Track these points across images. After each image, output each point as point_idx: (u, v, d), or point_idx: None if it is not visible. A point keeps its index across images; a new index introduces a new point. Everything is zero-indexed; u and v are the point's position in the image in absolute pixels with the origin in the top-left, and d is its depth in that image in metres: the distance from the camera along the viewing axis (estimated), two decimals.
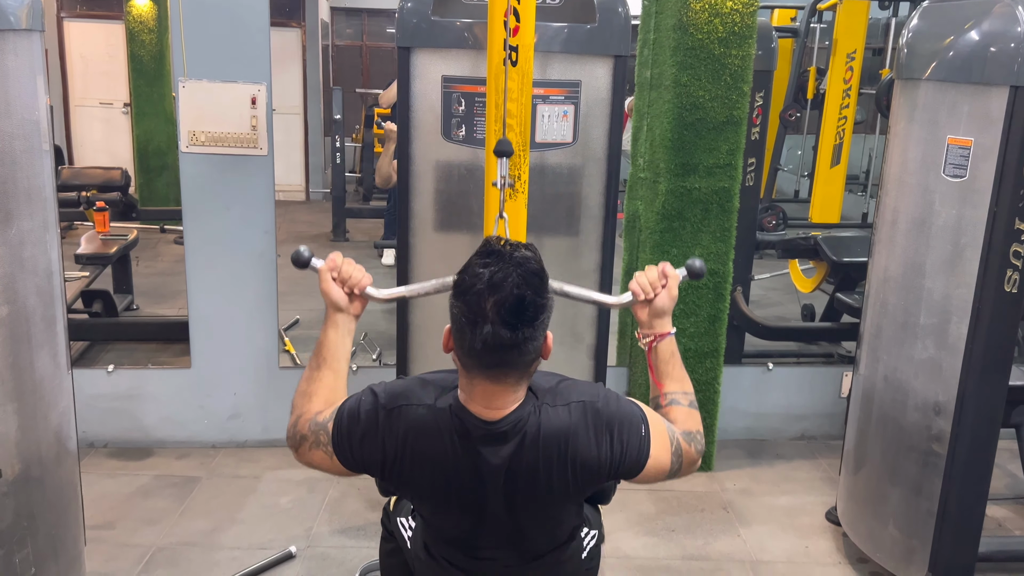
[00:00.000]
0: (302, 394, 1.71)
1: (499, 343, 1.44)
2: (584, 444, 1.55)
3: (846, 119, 6.26)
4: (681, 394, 1.75)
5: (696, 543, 3.07)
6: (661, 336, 1.77)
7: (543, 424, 1.54)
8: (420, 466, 1.57)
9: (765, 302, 5.53)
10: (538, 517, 1.64)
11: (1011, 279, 2.40)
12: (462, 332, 1.47)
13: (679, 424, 1.71)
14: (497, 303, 1.43)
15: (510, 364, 1.48)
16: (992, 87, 2.33)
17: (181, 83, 3.26)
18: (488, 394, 1.51)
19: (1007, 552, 2.94)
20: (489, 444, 1.53)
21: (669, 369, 1.76)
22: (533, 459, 1.54)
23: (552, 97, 2.77)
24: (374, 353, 4.33)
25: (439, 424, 1.55)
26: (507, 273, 1.44)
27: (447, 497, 1.60)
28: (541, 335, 1.50)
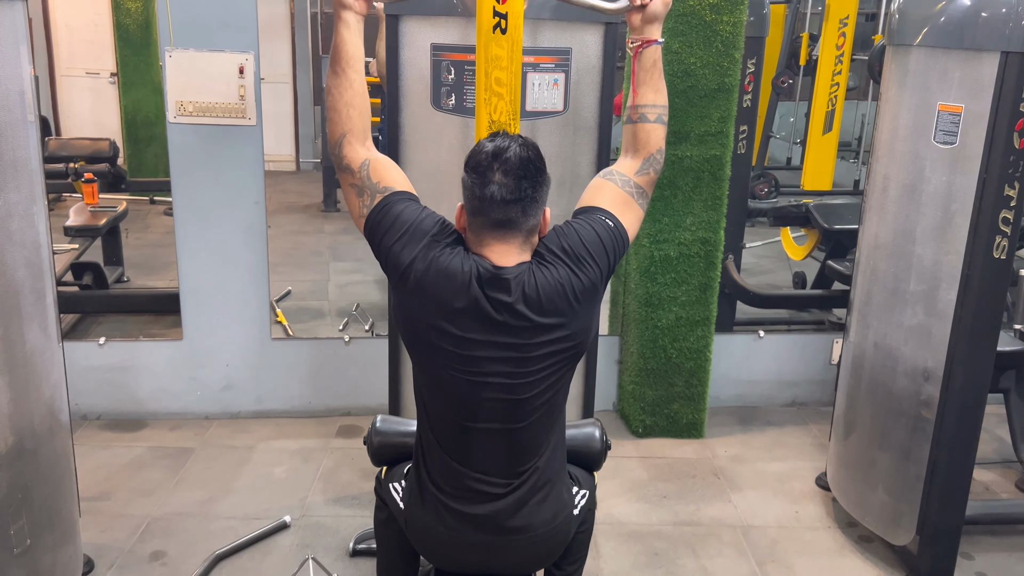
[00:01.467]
0: (339, 107, 1.80)
1: (504, 197, 1.64)
2: (574, 285, 1.70)
3: (838, 85, 6.23)
4: (651, 107, 1.90)
5: (688, 509, 3.11)
6: (648, 42, 1.90)
7: (539, 282, 1.68)
8: (436, 281, 1.67)
9: (757, 270, 5.54)
10: (532, 367, 1.70)
11: (1000, 245, 2.41)
12: (472, 194, 1.67)
13: (641, 142, 1.88)
14: (502, 163, 1.65)
15: (514, 222, 1.67)
16: (983, 53, 2.32)
17: (168, 52, 3.22)
18: (496, 251, 1.69)
19: (993, 515, 2.98)
20: (496, 288, 1.66)
21: (648, 77, 1.90)
22: (531, 310, 1.67)
23: (542, 65, 2.74)
24: (367, 324, 4.33)
25: (460, 260, 1.68)
26: (509, 143, 1.69)
27: (452, 330, 1.67)
28: (541, 201, 1.70)
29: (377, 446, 2.11)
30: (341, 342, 3.68)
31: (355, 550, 2.77)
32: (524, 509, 1.78)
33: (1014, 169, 2.35)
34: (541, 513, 1.80)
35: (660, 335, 3.51)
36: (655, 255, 3.43)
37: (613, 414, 3.82)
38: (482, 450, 1.74)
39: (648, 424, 3.61)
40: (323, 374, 3.67)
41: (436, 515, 1.79)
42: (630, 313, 3.63)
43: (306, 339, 3.89)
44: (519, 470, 1.76)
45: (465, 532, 1.78)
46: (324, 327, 4.47)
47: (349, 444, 3.46)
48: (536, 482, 1.78)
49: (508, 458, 1.75)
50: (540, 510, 1.80)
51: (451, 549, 1.83)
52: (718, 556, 2.84)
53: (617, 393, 3.82)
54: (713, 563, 2.80)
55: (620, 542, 2.89)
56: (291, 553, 2.78)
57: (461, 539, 1.79)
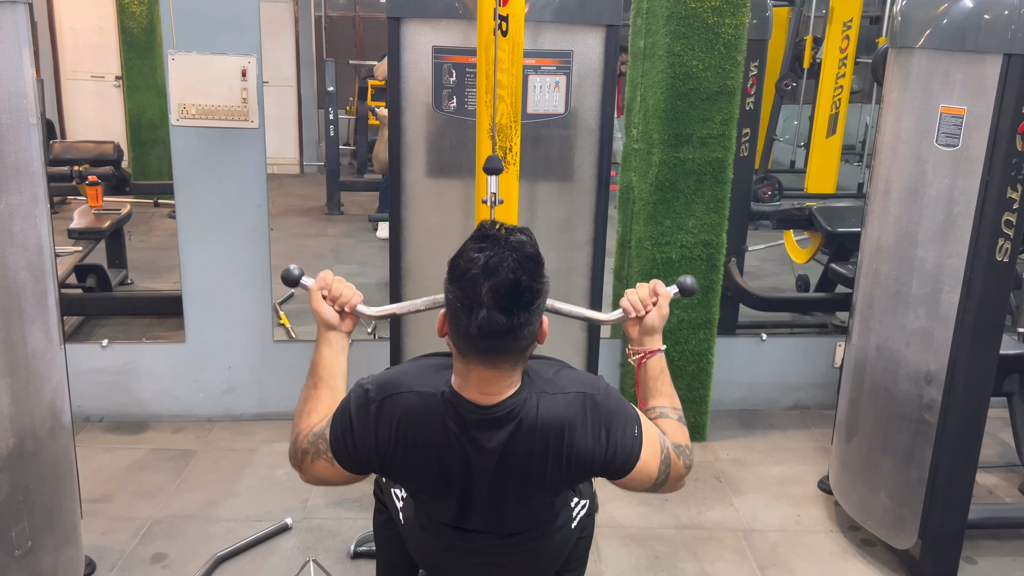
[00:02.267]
0: (300, 414, 1.70)
1: (494, 328, 1.43)
2: (581, 436, 1.55)
3: (842, 88, 6.22)
4: (671, 408, 1.76)
5: (689, 512, 3.10)
6: (651, 353, 1.78)
7: (541, 412, 1.54)
8: (414, 452, 1.56)
9: (760, 273, 5.53)
10: (525, 503, 1.64)
11: (1002, 248, 2.40)
12: (457, 317, 1.47)
13: (669, 436, 1.69)
14: (492, 288, 1.42)
15: (505, 349, 1.48)
16: (986, 55, 2.31)
17: (170, 55, 3.23)
18: (483, 380, 1.51)
19: (996, 519, 2.97)
20: (483, 429, 1.53)
21: (658, 385, 1.78)
22: (528, 446, 1.54)
23: (543, 67, 2.74)
24: (369, 327, 4.33)
25: (432, 410, 1.55)
26: (502, 258, 1.43)
27: (440, 482, 1.60)
28: (537, 320, 1.50)
29: None
30: None
31: (356, 552, 2.77)
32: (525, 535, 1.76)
33: (1017, 171, 2.35)
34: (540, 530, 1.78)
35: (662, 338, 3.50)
36: (657, 258, 3.42)
37: None
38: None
39: None
40: None
41: (436, 538, 1.76)
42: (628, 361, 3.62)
43: (309, 342, 3.88)
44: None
45: (466, 553, 1.75)
46: None
47: None
48: None
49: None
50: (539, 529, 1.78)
51: (451, 566, 1.80)
52: (719, 560, 2.83)
53: None
54: (714, 567, 2.79)
55: (621, 545, 2.89)
56: (292, 555, 2.78)
57: (462, 559, 1.76)
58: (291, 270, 1.81)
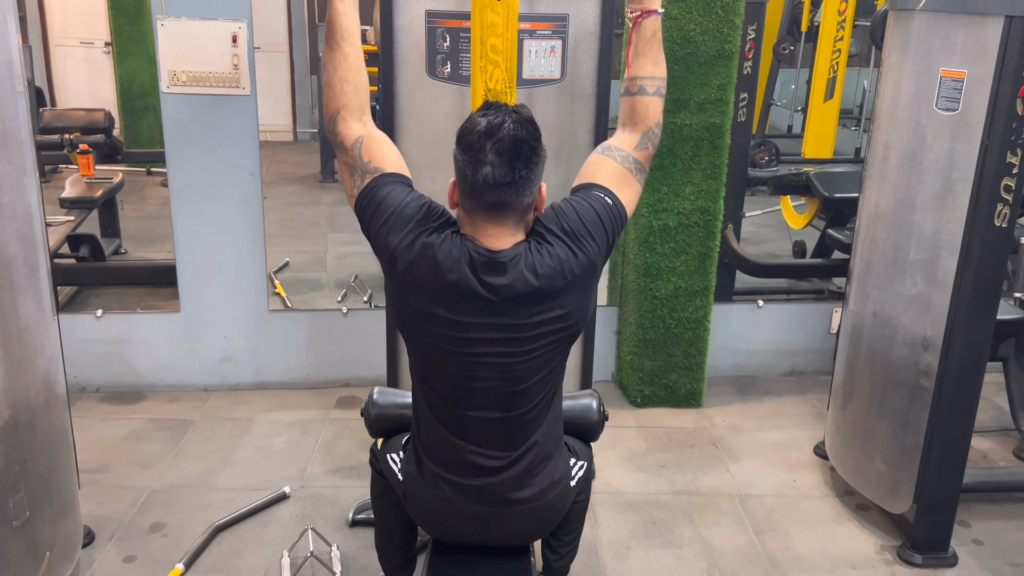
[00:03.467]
0: (334, 82, 1.78)
1: (498, 180, 1.59)
2: (573, 264, 1.67)
3: (840, 52, 6.16)
4: (649, 79, 1.86)
5: (686, 478, 3.11)
6: (648, 12, 1.88)
7: (536, 263, 1.65)
8: (430, 265, 1.64)
9: (756, 239, 5.52)
10: (528, 346, 1.69)
11: (1001, 213, 2.38)
12: (464, 176, 1.62)
13: (638, 118, 1.85)
14: (495, 143, 1.58)
15: (508, 204, 1.62)
16: (987, 17, 2.28)
17: (159, 21, 3.18)
18: (490, 235, 1.65)
19: (991, 483, 2.99)
20: (491, 272, 1.63)
21: (648, 48, 1.87)
22: (529, 290, 1.64)
23: (539, 32, 2.70)
24: (365, 295, 4.32)
25: (449, 246, 1.65)
26: (503, 119, 1.60)
27: (444, 314, 1.65)
28: (536, 180, 1.64)
29: (374, 418, 2.11)
30: (339, 314, 3.67)
31: (354, 520, 2.78)
32: (522, 481, 1.78)
33: (1017, 136, 2.32)
34: (539, 485, 1.80)
35: (659, 305, 3.50)
36: (654, 225, 3.41)
37: (612, 384, 3.82)
38: (479, 426, 1.74)
39: (646, 394, 3.61)
40: (321, 346, 3.67)
41: (434, 487, 1.79)
42: (628, 283, 3.62)
43: (304, 311, 3.88)
44: (517, 445, 1.75)
45: (463, 504, 1.78)
46: (322, 299, 4.46)
47: (348, 415, 3.47)
48: (534, 456, 1.77)
49: (505, 434, 1.75)
50: (538, 482, 1.80)
51: (449, 520, 1.83)
52: (716, 525, 2.85)
53: (616, 363, 3.82)
54: (711, 532, 2.81)
55: (618, 511, 2.90)
56: (290, 524, 2.79)
57: (459, 510, 1.79)
58: None
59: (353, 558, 2.63)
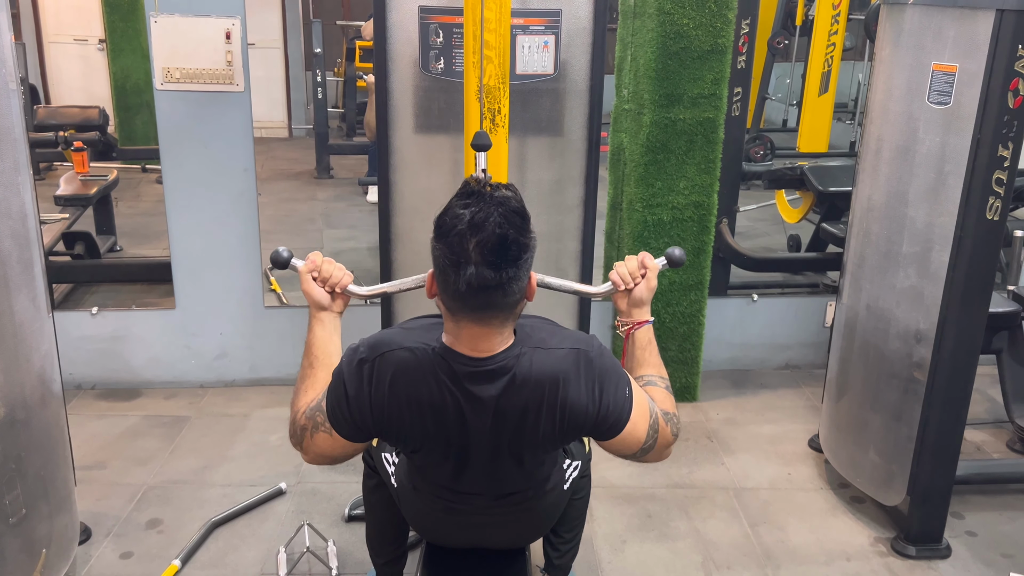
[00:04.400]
0: (297, 394, 1.70)
1: (483, 284, 1.43)
2: (575, 390, 1.55)
3: (835, 46, 6.17)
4: (658, 377, 1.78)
5: (681, 472, 3.13)
6: (639, 324, 1.81)
7: (535, 365, 1.54)
8: (409, 410, 1.55)
9: (751, 233, 5.53)
10: (520, 461, 1.64)
11: (993, 206, 2.39)
12: (445, 275, 1.45)
13: (657, 403, 1.70)
14: (479, 243, 1.41)
15: (495, 305, 1.48)
16: (978, 11, 2.28)
17: (153, 18, 3.18)
18: (475, 336, 1.51)
19: (984, 475, 3.01)
20: (477, 382, 1.52)
21: (646, 356, 1.80)
22: (522, 399, 1.54)
23: (532, 27, 2.70)
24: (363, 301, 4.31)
25: (424, 365, 1.54)
26: (488, 213, 1.42)
27: (436, 441, 1.59)
28: (525, 275, 1.49)
29: None
30: None
31: (350, 516, 2.79)
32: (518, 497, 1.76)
33: (1008, 129, 2.33)
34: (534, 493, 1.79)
35: (653, 300, 3.48)
36: (648, 219, 3.41)
37: None
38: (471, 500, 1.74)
39: None
40: None
41: (431, 501, 1.76)
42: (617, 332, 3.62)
43: (300, 307, 3.87)
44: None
45: (459, 514, 1.76)
46: None
47: None
48: None
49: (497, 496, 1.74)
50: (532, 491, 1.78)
51: (445, 527, 1.81)
52: (711, 518, 2.86)
53: None
54: (706, 525, 2.83)
55: (613, 505, 2.92)
56: (287, 519, 2.80)
57: (455, 520, 1.77)
58: (280, 252, 1.80)
59: (349, 553, 2.64)
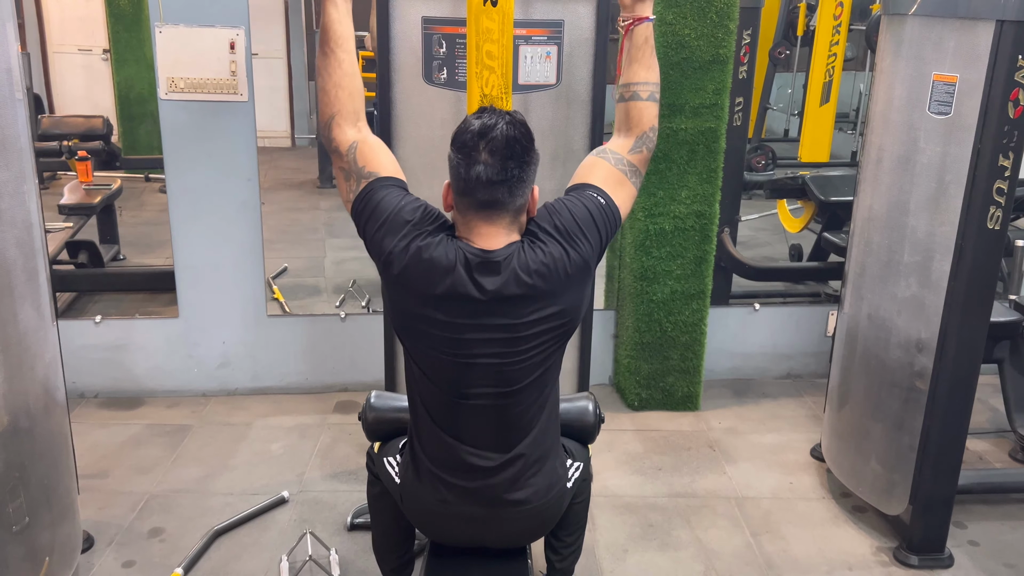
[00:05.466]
0: (328, 88, 1.79)
1: (491, 178, 1.62)
2: (566, 262, 1.69)
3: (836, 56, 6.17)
4: (643, 85, 1.88)
5: (682, 481, 3.12)
6: (640, 20, 1.89)
7: (530, 261, 1.67)
8: (424, 265, 1.65)
9: (753, 243, 5.54)
10: (523, 346, 1.70)
11: (994, 216, 2.40)
12: (458, 174, 1.65)
13: (632, 123, 1.87)
14: (489, 142, 1.62)
15: (501, 203, 1.64)
16: (978, 21, 2.30)
17: (157, 28, 3.20)
18: (483, 234, 1.67)
19: (986, 484, 3.01)
20: (485, 273, 1.65)
21: (640, 55, 1.89)
22: (523, 289, 1.66)
23: (534, 38, 2.72)
24: (363, 300, 4.33)
25: (444, 248, 1.66)
26: (497, 120, 1.64)
27: (439, 317, 1.66)
28: (529, 179, 1.67)
29: (372, 422, 2.12)
30: (337, 318, 3.69)
31: (353, 524, 2.79)
32: (518, 483, 1.79)
33: (1008, 139, 2.34)
34: (535, 486, 1.81)
35: (655, 309, 3.51)
36: (650, 229, 3.42)
37: (609, 388, 3.83)
38: (474, 425, 1.75)
39: (644, 397, 3.63)
40: (320, 350, 3.68)
41: (432, 488, 1.80)
42: (625, 287, 3.63)
43: (302, 316, 3.90)
44: (511, 445, 1.77)
45: (461, 505, 1.79)
46: (320, 304, 4.47)
47: (346, 420, 3.48)
48: (529, 457, 1.79)
49: (500, 433, 1.76)
50: (534, 484, 1.81)
51: (446, 522, 1.84)
52: (712, 527, 2.86)
53: (613, 367, 3.83)
54: (707, 534, 2.82)
55: (615, 514, 2.91)
56: (289, 528, 2.80)
57: (456, 512, 1.80)
58: None
59: (352, 562, 2.64)
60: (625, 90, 1.89)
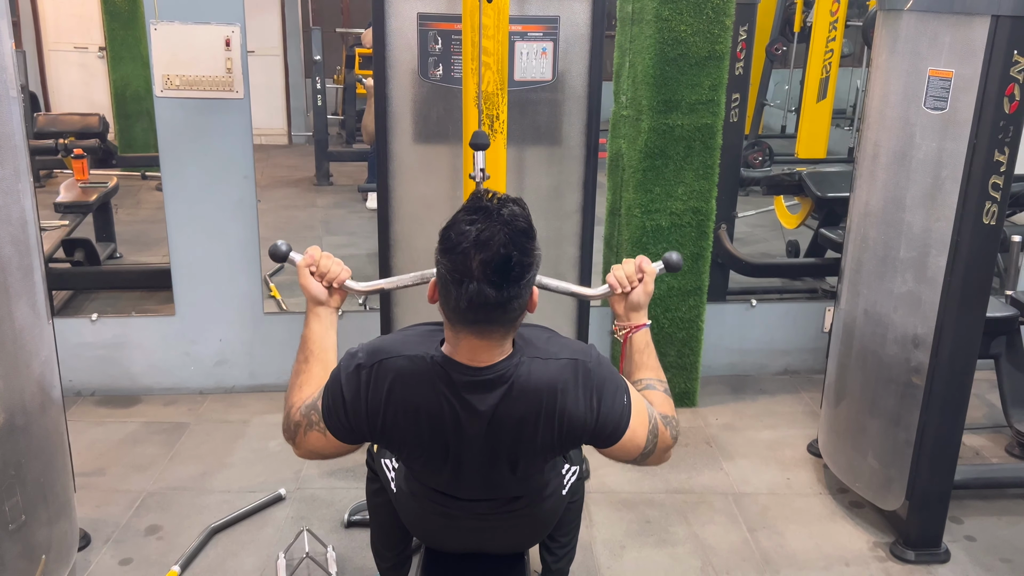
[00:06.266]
0: (292, 388, 1.71)
1: (484, 302, 1.43)
2: (572, 400, 1.56)
3: (833, 52, 6.19)
4: (656, 380, 1.78)
5: (680, 477, 3.13)
6: (636, 328, 1.81)
7: (532, 375, 1.54)
8: (405, 417, 1.56)
9: (750, 239, 5.54)
10: (516, 469, 1.64)
11: (989, 211, 2.40)
12: (447, 289, 1.46)
13: (656, 408, 1.70)
14: (483, 262, 1.41)
15: (495, 321, 1.48)
16: (974, 16, 2.30)
17: (152, 25, 3.19)
18: (474, 348, 1.52)
19: (982, 479, 3.01)
20: (475, 392, 1.53)
21: (644, 359, 1.80)
22: (520, 409, 1.54)
23: (530, 34, 2.72)
24: (360, 298, 4.32)
25: (422, 372, 1.54)
26: (494, 232, 1.42)
27: (432, 448, 1.60)
28: (527, 293, 1.50)
29: None
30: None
31: (350, 521, 2.79)
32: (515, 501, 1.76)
33: (1004, 134, 2.34)
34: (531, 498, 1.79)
35: (652, 305, 3.51)
36: (646, 225, 3.42)
37: None
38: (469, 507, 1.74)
39: None
40: None
41: (429, 505, 1.77)
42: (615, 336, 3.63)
43: (300, 313, 3.87)
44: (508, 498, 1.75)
45: (457, 519, 1.76)
46: None
47: None
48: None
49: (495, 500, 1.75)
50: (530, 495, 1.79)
51: (443, 532, 1.81)
52: (710, 523, 2.87)
53: None
54: (705, 530, 2.83)
55: (612, 510, 2.92)
56: (286, 525, 2.80)
57: (453, 524, 1.77)
58: (279, 246, 1.81)
59: (349, 559, 2.64)
60: (637, 384, 1.76)
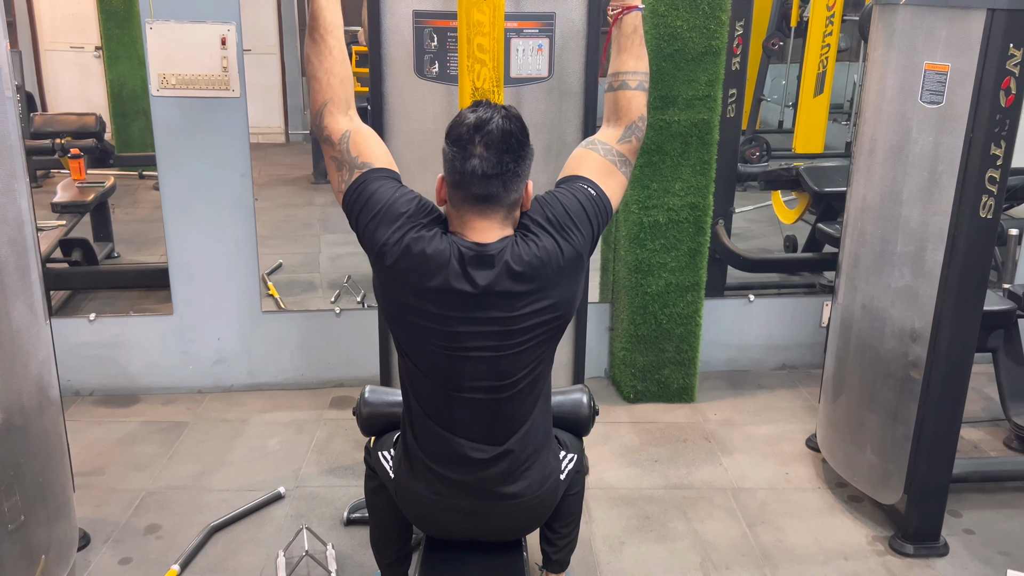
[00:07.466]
0: (319, 75, 1.79)
1: (486, 172, 1.61)
2: (559, 254, 1.69)
3: (829, 47, 6.17)
4: (632, 74, 1.90)
5: (679, 472, 3.13)
6: (628, 9, 1.91)
7: (523, 254, 1.67)
8: (418, 258, 1.65)
9: (748, 234, 5.54)
10: (516, 340, 1.70)
11: (986, 205, 2.40)
12: (453, 168, 1.65)
13: (621, 112, 1.88)
14: (484, 136, 1.62)
15: (496, 197, 1.64)
16: (969, 10, 2.30)
17: (148, 24, 3.18)
18: (477, 228, 1.67)
19: (980, 473, 3.01)
20: (478, 267, 1.65)
21: (629, 44, 1.91)
22: (516, 283, 1.66)
23: (526, 30, 2.72)
24: (358, 296, 4.33)
25: (437, 241, 1.66)
26: (492, 114, 1.64)
27: (432, 310, 1.66)
28: (524, 173, 1.67)
29: (366, 416, 2.13)
30: (332, 314, 3.68)
31: (349, 519, 2.79)
32: (512, 476, 1.79)
33: (1000, 128, 2.34)
34: (528, 480, 1.81)
35: (650, 301, 3.52)
36: (644, 221, 3.42)
37: (604, 380, 3.83)
38: (467, 419, 1.75)
39: (639, 390, 3.63)
40: (315, 346, 3.68)
41: (425, 482, 1.80)
42: (620, 280, 3.64)
43: (297, 311, 3.88)
44: (505, 438, 1.77)
45: (455, 498, 1.79)
46: (316, 299, 4.47)
47: (342, 415, 3.48)
48: (522, 451, 1.79)
49: (493, 426, 1.76)
50: (527, 477, 1.81)
51: (440, 515, 1.84)
52: (709, 519, 2.87)
53: (608, 360, 3.84)
54: (704, 525, 2.83)
55: (612, 506, 2.92)
56: (285, 523, 2.80)
57: (450, 505, 1.80)
58: None
59: (348, 556, 2.64)
60: (614, 79, 1.89)
